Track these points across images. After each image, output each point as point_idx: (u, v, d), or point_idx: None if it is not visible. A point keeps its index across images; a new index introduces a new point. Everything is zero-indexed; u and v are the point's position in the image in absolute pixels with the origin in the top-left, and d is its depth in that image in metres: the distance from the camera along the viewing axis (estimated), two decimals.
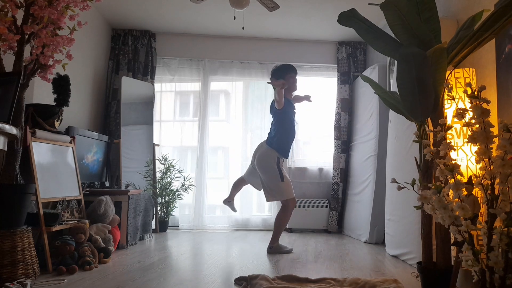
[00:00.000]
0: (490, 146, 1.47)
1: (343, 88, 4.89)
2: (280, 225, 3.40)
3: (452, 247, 1.98)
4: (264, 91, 5.09)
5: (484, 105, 1.49)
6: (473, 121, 1.51)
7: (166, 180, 4.56)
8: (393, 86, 3.49)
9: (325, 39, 5.03)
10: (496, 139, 1.47)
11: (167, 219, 4.53)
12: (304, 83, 5.18)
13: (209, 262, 2.92)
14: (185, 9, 4.24)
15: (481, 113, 1.48)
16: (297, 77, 3.55)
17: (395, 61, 2.99)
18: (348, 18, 2.18)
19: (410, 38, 2.07)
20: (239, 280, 2.31)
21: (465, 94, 1.57)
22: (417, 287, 2.20)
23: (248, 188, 3.88)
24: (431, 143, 1.91)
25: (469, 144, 1.53)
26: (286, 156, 3.48)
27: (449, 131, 1.93)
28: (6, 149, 1.93)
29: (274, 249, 3.32)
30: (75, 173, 3.08)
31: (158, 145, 4.75)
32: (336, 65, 5.01)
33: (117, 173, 4.22)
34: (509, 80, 2.21)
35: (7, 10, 2.24)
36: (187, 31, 4.89)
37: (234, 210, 3.74)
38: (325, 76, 5.16)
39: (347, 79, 4.91)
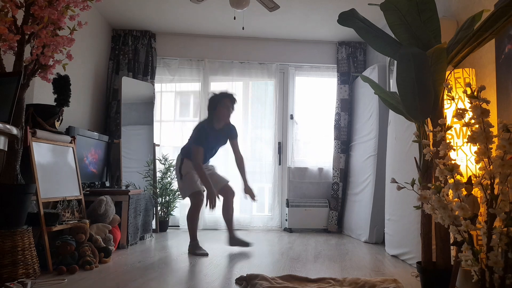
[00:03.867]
0: (490, 146, 1.47)
1: (343, 88, 4.89)
2: (188, 222, 3.34)
3: (451, 247, 1.98)
4: (264, 92, 5.09)
5: (484, 105, 1.49)
6: (472, 121, 1.51)
7: (167, 180, 4.57)
8: (393, 86, 3.49)
9: (325, 39, 5.03)
10: (495, 139, 1.47)
11: (167, 219, 4.54)
12: (304, 83, 5.21)
13: (209, 262, 2.92)
14: (185, 10, 4.24)
15: (481, 113, 1.48)
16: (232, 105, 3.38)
17: (395, 61, 2.99)
18: (348, 18, 2.18)
19: (410, 38, 2.07)
20: (239, 280, 2.31)
21: (465, 94, 1.57)
22: (416, 287, 2.20)
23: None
24: (431, 143, 1.91)
25: (469, 144, 1.54)
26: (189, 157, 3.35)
27: (449, 131, 1.93)
28: (6, 149, 1.93)
29: (190, 248, 3.26)
30: (76, 173, 3.08)
31: (158, 145, 4.75)
32: (336, 65, 5.01)
33: (117, 173, 4.22)
34: (509, 80, 2.21)
35: (7, 10, 2.24)
36: (187, 31, 4.90)
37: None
38: (325, 76, 5.16)
39: (347, 79, 4.91)
